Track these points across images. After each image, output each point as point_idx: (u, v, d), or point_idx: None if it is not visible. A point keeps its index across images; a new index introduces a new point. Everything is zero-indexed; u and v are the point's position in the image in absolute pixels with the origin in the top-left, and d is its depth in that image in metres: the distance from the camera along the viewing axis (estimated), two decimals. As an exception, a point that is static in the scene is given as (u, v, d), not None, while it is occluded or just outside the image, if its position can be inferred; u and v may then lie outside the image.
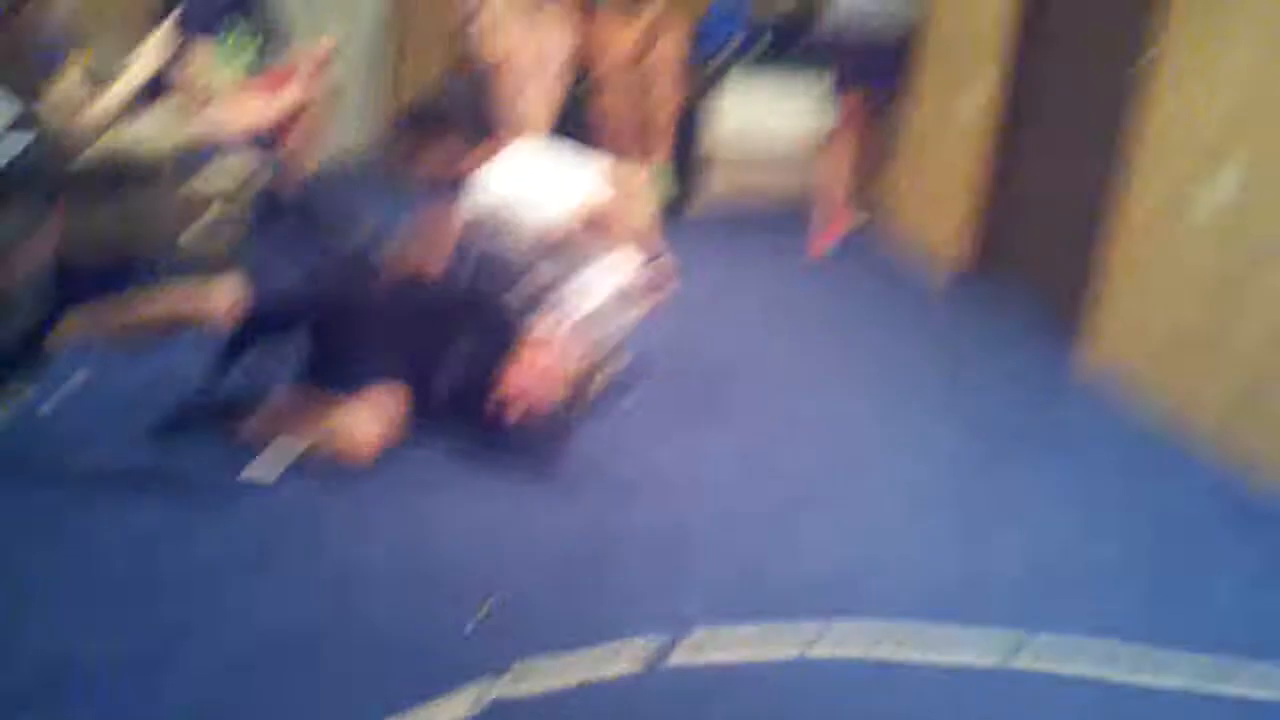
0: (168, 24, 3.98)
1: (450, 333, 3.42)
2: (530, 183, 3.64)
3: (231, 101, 4.40)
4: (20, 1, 3.59)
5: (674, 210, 5.54)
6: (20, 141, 3.24)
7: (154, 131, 3.72)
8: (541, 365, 3.28)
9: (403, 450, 3.33)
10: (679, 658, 2.59)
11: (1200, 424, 3.80)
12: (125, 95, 3.72)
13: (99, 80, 3.81)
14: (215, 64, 4.52)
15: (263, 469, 3.20)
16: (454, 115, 3.71)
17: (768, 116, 5.94)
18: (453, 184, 3.72)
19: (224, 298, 3.29)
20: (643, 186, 3.90)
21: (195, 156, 3.78)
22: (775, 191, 6.04)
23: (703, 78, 5.70)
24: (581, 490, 3.27)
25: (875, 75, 5.51)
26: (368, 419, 3.27)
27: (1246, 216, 3.67)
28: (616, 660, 2.57)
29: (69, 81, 3.65)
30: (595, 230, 3.57)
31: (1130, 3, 4.27)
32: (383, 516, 3.04)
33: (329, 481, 3.17)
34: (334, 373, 3.38)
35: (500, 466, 3.33)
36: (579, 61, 5.40)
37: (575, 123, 5.32)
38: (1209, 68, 3.82)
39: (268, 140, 4.17)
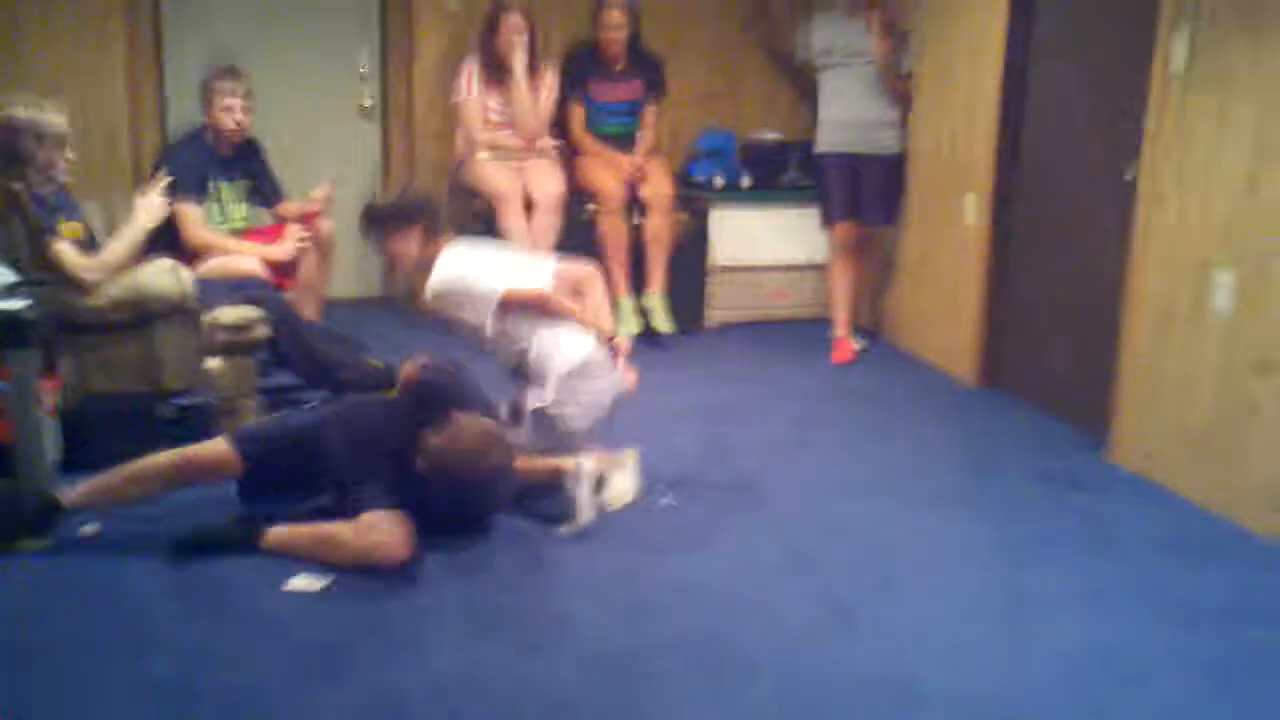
0: (155, 186, 4.07)
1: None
2: (485, 262, 3.83)
3: (225, 254, 4.47)
4: (13, 180, 3.68)
5: (681, 331, 5.58)
6: (19, 303, 3.37)
7: (158, 279, 3.79)
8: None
9: (427, 573, 3.31)
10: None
11: (1237, 512, 3.73)
12: (123, 252, 3.80)
13: (94, 243, 3.89)
14: (204, 220, 4.58)
15: (304, 581, 3.21)
16: (408, 213, 3.85)
17: (764, 241, 6.00)
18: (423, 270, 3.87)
19: (219, 455, 3.36)
20: (593, 280, 3.96)
21: (203, 300, 3.84)
22: (782, 312, 6.09)
23: (696, 208, 5.76)
24: (622, 597, 3.23)
25: (861, 208, 5.56)
26: (390, 521, 3.29)
27: (1243, 323, 3.70)
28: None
29: (65, 246, 3.73)
30: (546, 308, 3.74)
31: (1113, 116, 4.33)
32: (419, 636, 2.99)
33: (365, 597, 3.16)
34: (340, 500, 3.42)
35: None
36: (571, 199, 5.48)
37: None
38: (1195, 177, 3.88)
39: (269, 286, 4.22)
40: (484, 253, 3.93)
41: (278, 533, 3.35)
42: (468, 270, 3.76)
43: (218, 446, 3.38)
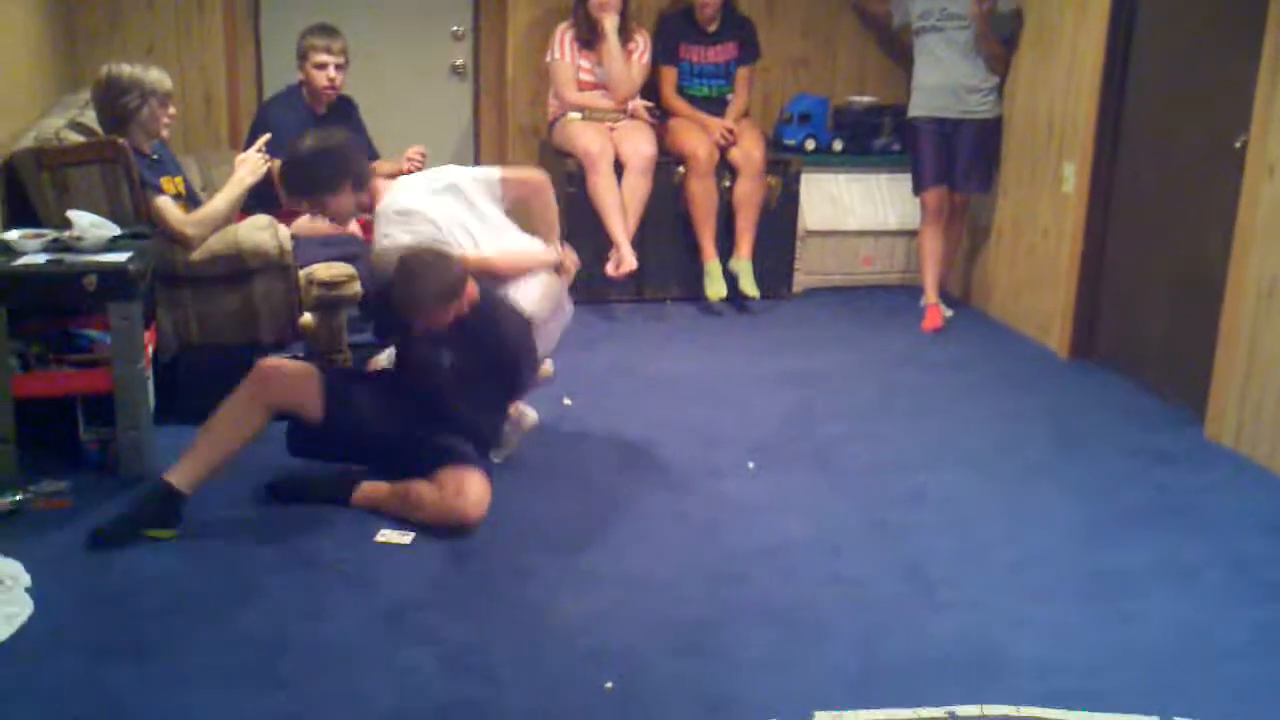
0: (255, 144, 4.13)
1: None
2: (428, 216, 3.64)
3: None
4: (117, 136, 3.74)
5: (767, 296, 5.58)
6: (123, 255, 3.45)
7: (255, 235, 3.85)
8: None
9: (510, 533, 3.35)
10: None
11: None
12: (224, 208, 3.87)
13: (193, 199, 3.96)
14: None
15: (393, 534, 3.27)
16: (335, 173, 3.68)
17: (855, 206, 5.94)
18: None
19: (299, 368, 3.37)
20: (542, 189, 3.89)
21: (298, 256, 3.90)
22: (871, 278, 6.03)
23: (787, 172, 5.71)
24: (701, 561, 3.25)
25: (954, 174, 5.48)
26: (473, 483, 3.33)
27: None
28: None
29: (167, 201, 3.80)
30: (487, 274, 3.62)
31: (1222, 82, 4.21)
32: (502, 597, 3.03)
33: (450, 552, 3.22)
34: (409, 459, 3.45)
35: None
36: (661, 162, 5.46)
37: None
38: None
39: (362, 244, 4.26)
40: (422, 197, 3.67)
41: (367, 489, 3.40)
42: (402, 239, 3.55)
43: (296, 363, 3.41)
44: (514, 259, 3.73)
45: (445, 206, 3.67)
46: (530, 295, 3.71)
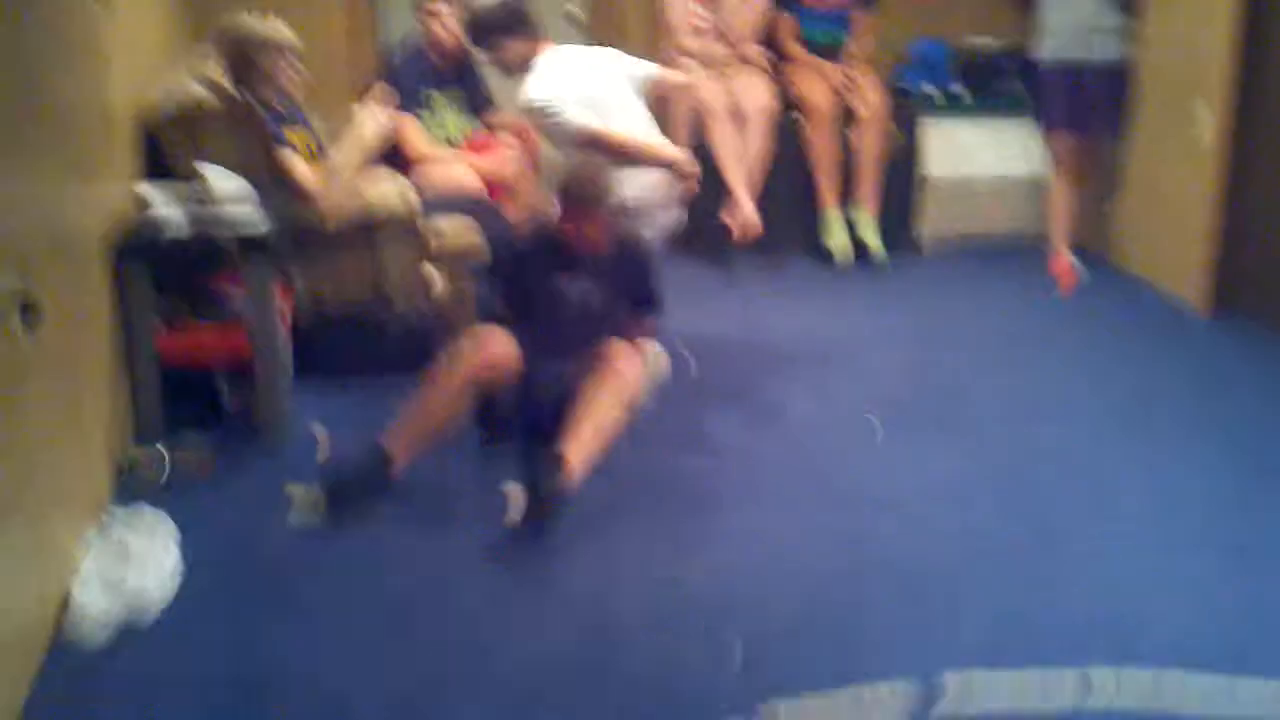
0: (377, 98, 4.14)
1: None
2: (580, 83, 3.92)
3: (442, 166, 4.54)
4: (244, 90, 3.78)
5: (889, 247, 5.49)
6: (251, 214, 3.49)
7: (382, 191, 3.88)
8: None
9: (636, 491, 3.35)
10: (943, 708, 2.46)
11: None
12: (349, 163, 3.89)
13: (320, 154, 4.00)
14: (423, 133, 4.64)
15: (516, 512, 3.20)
16: (506, 23, 4.05)
17: (979, 155, 5.79)
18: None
19: (500, 340, 3.36)
20: (689, 90, 4.40)
21: (423, 214, 3.92)
22: (997, 229, 5.87)
23: (908, 120, 5.59)
24: (828, 516, 3.23)
25: (1084, 119, 5.30)
26: (614, 356, 3.39)
27: None
28: (872, 707, 2.46)
29: (294, 156, 3.84)
30: (624, 154, 3.82)
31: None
32: (627, 555, 3.05)
33: (576, 525, 3.18)
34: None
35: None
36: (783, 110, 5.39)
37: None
38: None
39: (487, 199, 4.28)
40: (582, 67, 4.00)
41: (572, 454, 3.20)
42: (558, 95, 3.85)
43: (495, 335, 3.37)
44: (636, 142, 3.90)
45: (580, 80, 3.92)
46: (640, 182, 3.83)
